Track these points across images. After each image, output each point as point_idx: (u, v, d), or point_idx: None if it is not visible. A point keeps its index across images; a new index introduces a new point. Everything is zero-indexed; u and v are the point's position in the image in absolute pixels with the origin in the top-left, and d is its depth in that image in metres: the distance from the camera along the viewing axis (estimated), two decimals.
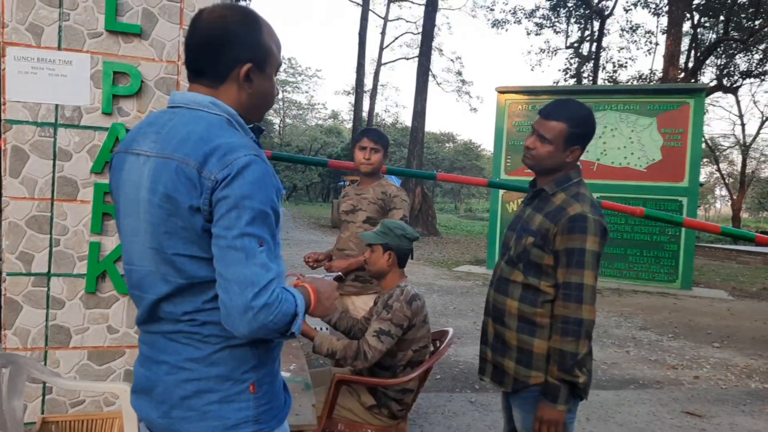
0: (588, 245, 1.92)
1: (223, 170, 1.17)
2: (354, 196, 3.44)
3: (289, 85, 65.35)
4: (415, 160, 22.58)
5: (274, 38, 1.36)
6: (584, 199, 2.00)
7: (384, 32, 38.61)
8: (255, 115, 1.38)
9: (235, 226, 1.16)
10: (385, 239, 2.69)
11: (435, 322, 7.04)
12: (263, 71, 1.33)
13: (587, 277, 1.92)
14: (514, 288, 2.08)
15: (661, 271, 11.08)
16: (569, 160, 2.05)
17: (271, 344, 1.33)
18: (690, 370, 5.53)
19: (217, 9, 1.30)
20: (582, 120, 2.04)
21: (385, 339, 2.52)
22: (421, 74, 22.95)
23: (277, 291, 1.17)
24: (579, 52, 26.71)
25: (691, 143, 10.92)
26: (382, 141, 3.39)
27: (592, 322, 1.93)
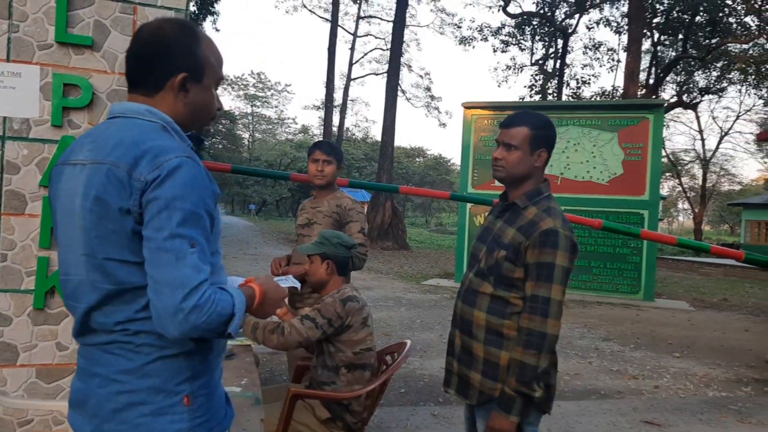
0: (558, 260, 1.94)
1: (153, 171, 1.17)
2: (310, 209, 3.43)
3: (258, 99, 65.13)
4: (385, 175, 22.67)
5: (213, 52, 1.39)
6: (556, 214, 2.03)
7: (353, 48, 38.83)
8: (193, 124, 1.39)
9: (165, 228, 1.16)
10: (322, 249, 2.72)
11: (401, 336, 7.04)
12: (200, 82, 1.35)
13: (555, 291, 1.94)
14: (482, 299, 2.09)
15: (624, 282, 11.28)
16: (538, 164, 2.08)
17: (208, 354, 1.32)
18: (650, 380, 5.62)
19: (156, 21, 1.34)
20: (542, 123, 2.09)
21: (307, 323, 2.54)
22: (390, 90, 23.13)
23: (209, 292, 1.17)
24: (544, 68, 27.24)
25: (651, 157, 11.19)
26: (335, 153, 3.39)
27: (555, 336, 1.94)
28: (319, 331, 2.55)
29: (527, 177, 2.10)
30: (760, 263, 4.94)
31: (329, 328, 2.57)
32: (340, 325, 2.59)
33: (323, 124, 35.09)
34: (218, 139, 61.03)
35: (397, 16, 23.73)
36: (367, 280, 12.44)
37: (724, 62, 23.87)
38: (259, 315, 1.40)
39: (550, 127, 2.11)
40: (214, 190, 1.27)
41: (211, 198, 1.25)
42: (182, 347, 1.25)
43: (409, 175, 54.90)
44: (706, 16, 21.53)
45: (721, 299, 12.14)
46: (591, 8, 25.17)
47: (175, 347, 1.25)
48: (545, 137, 2.08)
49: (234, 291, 1.26)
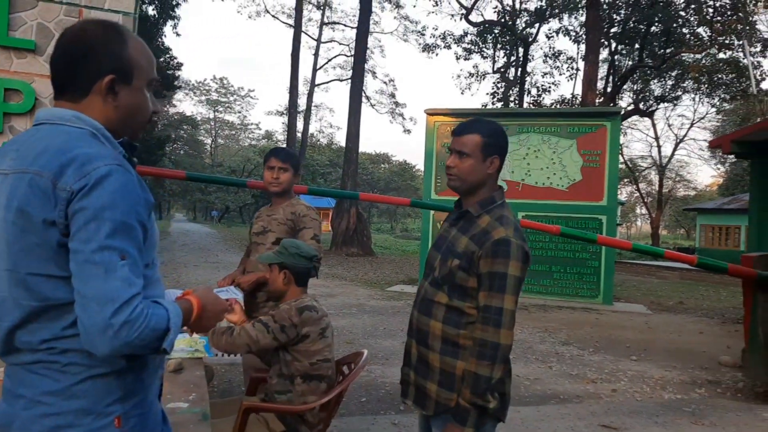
0: (511, 270, 1.93)
1: (80, 180, 1.12)
2: (265, 217, 3.39)
3: (221, 104, 64.47)
4: (350, 181, 22.63)
5: (142, 52, 1.33)
6: (508, 222, 2.02)
7: (317, 54, 38.74)
8: (126, 130, 1.33)
9: (93, 239, 1.10)
10: (280, 258, 2.69)
11: (364, 343, 6.99)
12: (129, 84, 1.29)
13: (507, 301, 1.92)
14: (438, 309, 2.07)
15: (584, 287, 11.46)
16: (490, 171, 2.08)
17: (141, 373, 1.26)
18: (608, 383, 5.70)
19: (78, 23, 1.28)
20: (494, 131, 2.09)
21: (259, 328, 2.52)
22: (354, 96, 23.14)
23: (141, 306, 1.12)
24: (505, 76, 27.61)
25: (608, 164, 11.41)
26: (290, 160, 3.36)
27: (508, 347, 1.93)
28: (270, 336, 2.51)
29: (481, 185, 2.10)
30: (711, 268, 5.07)
31: (281, 335, 2.53)
32: (295, 333, 2.55)
33: (287, 130, 34.84)
34: (180, 144, 60.14)
35: (360, 22, 23.77)
36: (331, 287, 12.37)
37: (678, 71, 24.58)
38: (197, 329, 1.35)
39: (501, 134, 2.12)
40: (147, 198, 1.22)
41: (144, 207, 1.20)
42: (113, 366, 1.20)
43: (375, 181, 54.97)
44: (660, 26, 22.14)
45: (677, 302, 12.43)
46: (550, 18, 25.63)
47: (105, 366, 1.19)
48: (497, 144, 2.09)
49: (169, 305, 1.21)
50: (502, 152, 2.11)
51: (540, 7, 25.46)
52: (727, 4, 20.73)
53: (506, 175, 11.85)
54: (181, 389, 2.19)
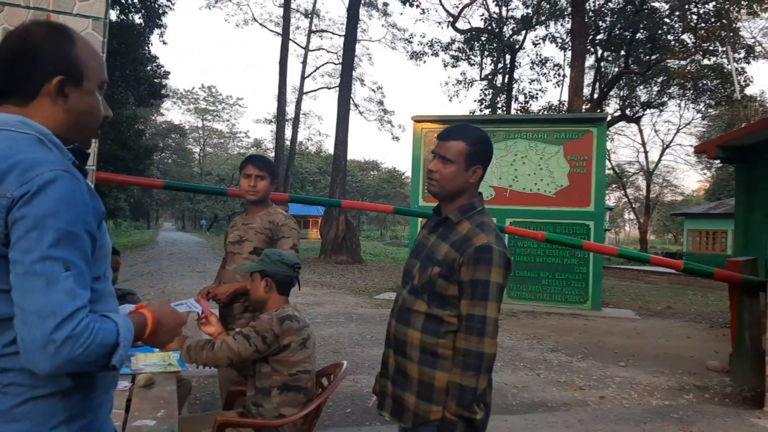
0: (493, 277, 1.88)
1: (21, 187, 1.05)
2: (241, 226, 3.31)
3: (209, 113, 64.29)
4: (338, 188, 22.58)
5: (91, 53, 1.28)
6: (489, 229, 1.97)
7: (305, 62, 38.73)
8: (77, 134, 1.27)
9: (35, 249, 1.03)
10: (262, 266, 2.64)
11: (351, 353, 6.92)
12: (80, 86, 1.24)
13: (490, 309, 1.88)
14: (416, 318, 2.01)
15: (573, 292, 11.44)
16: (472, 180, 2.03)
17: (89, 392, 1.19)
18: (596, 390, 5.66)
19: (22, 25, 1.22)
20: (479, 139, 2.04)
21: (240, 340, 2.47)
22: (342, 103, 23.13)
23: (86, 320, 1.05)
24: (493, 83, 27.70)
25: (595, 169, 11.44)
26: (267, 167, 3.28)
27: (493, 356, 1.88)
28: (252, 348, 2.46)
29: (461, 192, 2.05)
30: (697, 273, 5.05)
31: (263, 346, 2.48)
32: (276, 343, 2.50)
33: (275, 138, 34.77)
34: (168, 153, 59.90)
35: (348, 30, 23.80)
36: (319, 296, 12.28)
37: (663, 78, 24.78)
38: (153, 344, 1.29)
39: (486, 143, 2.06)
40: (96, 207, 1.16)
41: (92, 216, 1.14)
42: (58, 386, 1.12)
43: (364, 188, 54.94)
44: (646, 33, 22.32)
45: (665, 307, 12.45)
46: (537, 25, 25.78)
47: (49, 386, 1.11)
48: (481, 154, 2.04)
49: (119, 319, 1.14)
50: (485, 162, 2.06)
51: (526, 15, 25.62)
52: (710, 11, 20.94)
53: (493, 181, 11.85)
54: (150, 405, 2.12)
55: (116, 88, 23.12)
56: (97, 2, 2.62)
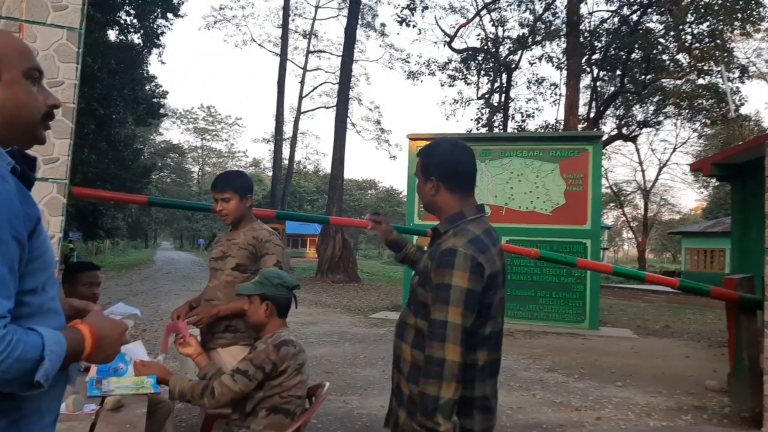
0: (455, 281, 1.77)
1: None
2: (225, 242, 3.22)
3: (208, 133, 64.45)
4: (335, 207, 22.52)
5: (8, 42, 1.19)
6: (464, 233, 1.88)
7: (303, 82, 38.98)
8: (13, 133, 1.17)
9: None
10: (262, 289, 2.57)
11: (343, 372, 6.81)
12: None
13: (452, 313, 1.76)
14: (408, 332, 1.95)
15: (570, 312, 11.32)
16: (433, 194, 1.98)
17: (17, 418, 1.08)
18: (593, 411, 5.54)
19: None
20: (428, 151, 2.00)
21: (240, 379, 2.39)
22: (339, 123, 23.19)
23: (2, 332, 0.96)
24: (489, 102, 27.75)
25: (591, 187, 11.39)
26: (231, 187, 3.13)
27: (456, 363, 1.74)
28: (253, 383, 2.40)
29: (434, 206, 2.01)
30: (693, 290, 4.96)
31: (262, 376, 2.42)
32: (274, 371, 2.44)
33: (273, 157, 34.78)
34: (167, 173, 59.94)
35: (345, 51, 23.92)
36: (314, 315, 12.15)
37: (659, 97, 24.83)
38: (99, 360, 1.19)
39: (435, 152, 1.99)
40: (28, 213, 1.07)
41: (22, 222, 1.05)
42: None
43: (361, 207, 54.90)
44: (641, 53, 22.41)
45: (664, 326, 12.32)
46: (533, 45, 25.92)
47: None
48: (433, 165, 1.97)
49: (47, 332, 1.05)
50: (440, 171, 1.97)
51: (522, 35, 25.76)
52: (705, 32, 21.05)
53: (489, 199, 11.79)
54: (115, 429, 2.02)
55: (115, 107, 23.17)
56: (72, 12, 2.56)
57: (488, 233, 1.95)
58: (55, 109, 1.27)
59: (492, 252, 1.90)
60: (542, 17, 25.01)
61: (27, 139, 1.21)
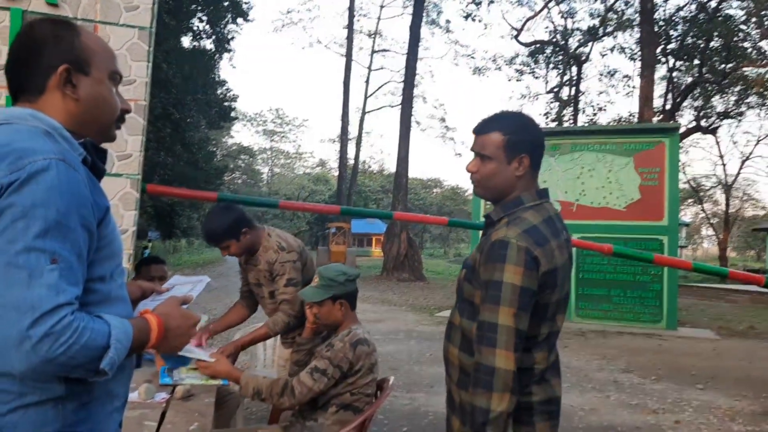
0: (506, 277, 1.59)
1: (12, 174, 1.00)
2: (253, 268, 3.19)
3: (276, 134, 65.98)
4: (400, 206, 22.52)
5: (98, 42, 1.24)
6: (519, 223, 1.68)
7: (368, 81, 39.21)
8: (90, 127, 1.22)
9: (20, 239, 0.97)
10: (331, 291, 2.53)
11: (409, 370, 6.78)
12: (88, 74, 1.20)
13: (503, 315, 1.58)
14: (455, 333, 1.81)
15: (646, 311, 10.86)
16: (519, 173, 1.76)
17: (88, 401, 1.10)
18: (671, 414, 5.27)
19: (27, 23, 1.22)
20: (519, 125, 1.78)
21: (319, 377, 2.37)
22: (404, 121, 23.20)
23: (69, 318, 0.97)
24: (559, 96, 27.09)
25: (668, 182, 10.88)
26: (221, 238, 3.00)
27: (509, 372, 1.57)
28: (331, 381, 2.39)
29: (509, 190, 1.78)
30: None
31: (340, 375, 2.41)
32: (349, 369, 2.43)
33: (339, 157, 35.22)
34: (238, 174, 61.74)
35: (410, 49, 23.88)
36: (380, 313, 12.19)
37: (741, 86, 23.49)
38: (166, 350, 1.20)
39: (528, 127, 1.80)
40: (97, 201, 1.10)
41: (90, 210, 1.07)
42: (49, 393, 1.04)
43: (426, 206, 54.77)
44: (720, 41, 21.29)
45: (748, 327, 11.63)
46: (604, 36, 25.10)
47: (39, 393, 1.03)
48: (524, 141, 1.76)
49: (114, 320, 1.06)
50: (533, 148, 1.77)
51: (593, 26, 24.99)
52: None
53: (559, 195, 11.47)
54: (184, 418, 2.06)
55: (189, 111, 24.04)
56: (143, 12, 2.66)
57: (549, 222, 1.75)
58: (126, 114, 1.32)
59: (551, 245, 1.69)
60: (614, 7, 24.18)
61: (100, 135, 1.26)
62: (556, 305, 1.74)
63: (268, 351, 4.08)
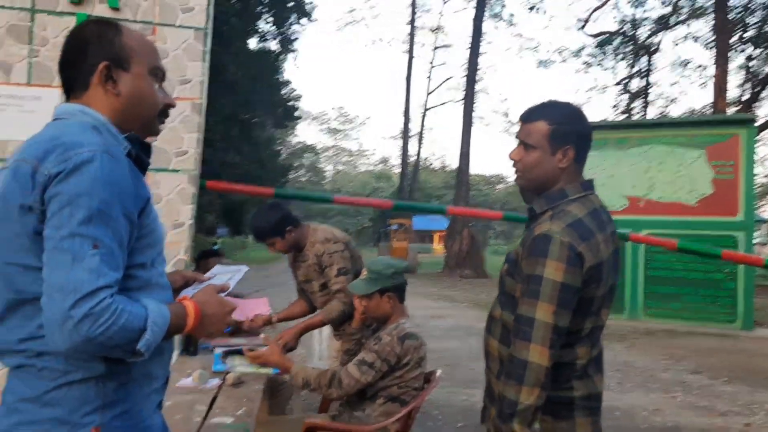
0: (547, 272, 1.56)
1: (59, 165, 1.07)
2: (302, 264, 3.28)
3: (339, 132, 66.81)
4: (462, 202, 22.38)
5: (139, 40, 1.31)
6: (563, 216, 1.65)
7: (430, 77, 39.19)
8: (134, 120, 1.29)
9: (65, 226, 1.04)
10: (378, 284, 2.56)
11: (467, 367, 6.76)
12: (128, 70, 1.27)
13: (541, 310, 1.56)
14: (495, 325, 1.80)
15: (719, 311, 10.36)
16: (563, 165, 1.72)
17: (127, 381, 1.17)
18: (741, 417, 5.03)
19: (76, 26, 1.29)
20: (566, 115, 1.75)
21: (366, 370, 2.40)
22: (466, 117, 23.02)
23: (109, 300, 1.03)
24: (628, 88, 26.20)
25: (743, 175, 10.34)
26: (267, 236, 3.13)
27: (542, 367, 1.56)
28: (378, 374, 2.43)
29: (552, 181, 1.75)
30: None
31: (387, 368, 2.44)
32: (397, 363, 2.46)
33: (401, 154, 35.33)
34: (303, 172, 62.95)
35: (472, 43, 23.67)
36: (441, 309, 12.16)
37: None
38: (201, 335, 1.26)
39: (575, 118, 1.75)
40: (139, 192, 1.17)
41: (132, 200, 1.14)
42: (91, 371, 1.12)
43: (489, 202, 54.14)
44: None
45: None
46: (676, 25, 24.08)
47: (81, 371, 1.11)
48: (570, 132, 1.72)
49: (152, 304, 1.13)
50: (578, 140, 1.73)
51: (664, 15, 24.01)
52: None
53: (626, 190, 11.10)
54: (233, 403, 2.14)
55: (255, 111, 24.70)
56: (198, 13, 2.77)
57: (595, 215, 1.70)
58: (170, 108, 1.38)
59: (597, 238, 1.65)
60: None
61: (143, 129, 1.33)
62: (601, 299, 1.70)
63: (324, 343, 4.18)
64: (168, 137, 2.94)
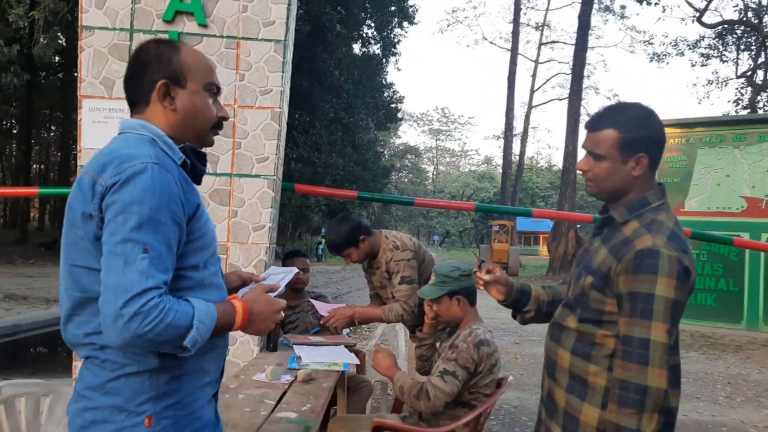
0: (658, 290, 1.52)
1: (115, 176, 1.19)
2: (376, 271, 3.32)
3: (442, 133, 66.74)
4: (567, 203, 21.65)
5: (196, 58, 1.41)
6: (660, 228, 1.59)
7: (534, 75, 38.20)
8: (188, 133, 1.39)
9: (119, 232, 1.16)
10: (446, 288, 2.55)
11: None
12: (184, 87, 1.37)
13: (656, 331, 1.51)
14: (567, 336, 1.73)
15: None
16: (636, 173, 1.65)
17: (179, 374, 1.28)
18: None
19: (139, 45, 1.41)
20: (637, 120, 1.65)
21: (450, 380, 2.38)
22: (572, 115, 22.29)
23: (156, 300, 1.14)
24: (752, 81, 24.19)
25: None
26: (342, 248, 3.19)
27: (660, 390, 1.50)
28: (461, 383, 2.43)
29: (625, 190, 1.69)
30: None
31: (467, 376, 2.44)
32: (475, 370, 2.45)
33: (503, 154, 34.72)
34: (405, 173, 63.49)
35: (579, 39, 22.86)
36: None
37: None
38: (251, 332, 1.35)
39: (647, 123, 1.66)
40: (188, 199, 1.27)
41: (179, 206, 1.24)
42: (145, 365, 1.23)
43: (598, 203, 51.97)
44: None
45: None
46: None
47: (137, 364, 1.22)
48: (642, 139, 1.63)
49: (199, 303, 1.22)
50: (651, 146, 1.65)
51: None
52: None
53: (744, 191, 10.29)
54: (300, 399, 2.23)
55: (358, 114, 25.24)
56: (278, 26, 2.90)
57: (678, 223, 1.64)
58: (224, 120, 1.48)
59: (690, 249, 1.60)
60: None
61: (198, 140, 1.43)
62: None
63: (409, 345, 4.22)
64: (250, 145, 3.11)
